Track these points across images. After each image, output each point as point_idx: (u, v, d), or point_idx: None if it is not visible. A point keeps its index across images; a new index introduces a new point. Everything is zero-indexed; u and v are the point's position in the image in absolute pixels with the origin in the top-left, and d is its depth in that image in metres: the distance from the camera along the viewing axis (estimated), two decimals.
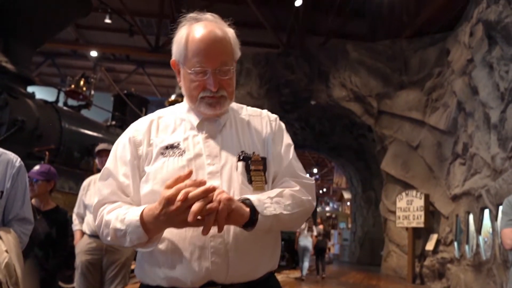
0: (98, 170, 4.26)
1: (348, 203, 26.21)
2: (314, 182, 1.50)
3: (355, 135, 16.18)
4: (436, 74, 11.61)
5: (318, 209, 24.34)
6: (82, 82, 6.57)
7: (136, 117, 7.25)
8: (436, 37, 11.94)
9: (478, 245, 8.66)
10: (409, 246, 11.65)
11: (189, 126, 1.41)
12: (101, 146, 4.15)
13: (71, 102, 6.53)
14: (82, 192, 4.19)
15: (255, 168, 1.37)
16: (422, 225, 11.36)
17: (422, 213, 11.37)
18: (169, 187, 1.16)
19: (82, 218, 4.10)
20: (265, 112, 1.56)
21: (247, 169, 1.36)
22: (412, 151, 12.21)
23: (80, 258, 3.75)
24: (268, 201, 1.27)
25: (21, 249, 1.93)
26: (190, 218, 1.10)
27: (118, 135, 5.29)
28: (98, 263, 3.93)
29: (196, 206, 1.10)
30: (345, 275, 12.73)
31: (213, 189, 1.15)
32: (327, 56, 13.81)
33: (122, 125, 6.90)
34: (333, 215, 29.30)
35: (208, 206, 1.12)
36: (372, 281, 11.24)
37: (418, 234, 11.66)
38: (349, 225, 20.76)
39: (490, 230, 8.14)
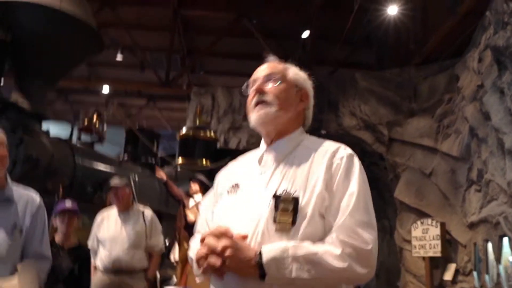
0: (110, 204, 4.29)
1: None
2: (371, 247, 1.35)
3: (367, 163, 16.08)
4: (447, 100, 11.60)
5: None
6: (95, 118, 6.68)
7: (148, 150, 7.35)
8: (444, 63, 11.98)
9: (498, 275, 8.45)
10: (427, 276, 11.39)
11: (253, 162, 1.52)
12: (114, 182, 4.18)
13: (84, 137, 6.63)
14: (96, 227, 4.21)
15: (283, 207, 1.33)
16: (439, 254, 11.12)
17: (439, 241, 11.17)
18: (209, 233, 1.34)
19: (95, 253, 4.10)
20: (334, 147, 1.51)
21: (275, 208, 1.34)
22: (426, 179, 12.09)
23: None
24: (289, 261, 1.25)
25: (38, 285, 1.93)
26: (204, 250, 1.30)
27: (130, 169, 5.38)
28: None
29: (199, 256, 1.31)
30: None
31: (213, 247, 1.25)
32: (336, 85, 13.88)
33: (134, 160, 6.96)
34: None
35: (212, 262, 1.24)
36: None
37: (436, 264, 11.41)
38: None
39: (511, 258, 7.95)
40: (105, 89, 17.04)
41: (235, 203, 1.41)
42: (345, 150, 1.53)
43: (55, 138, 5.38)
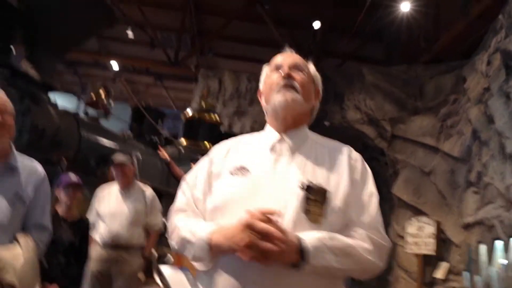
0: (113, 179, 4.28)
1: None
2: (389, 244, 1.47)
3: (368, 158, 15.93)
4: (452, 101, 11.53)
5: None
6: (102, 93, 6.65)
7: (153, 129, 7.31)
8: (452, 64, 11.90)
9: (489, 277, 8.48)
10: (418, 273, 11.45)
11: (263, 148, 1.45)
12: (117, 158, 4.15)
13: (90, 111, 6.61)
14: (96, 200, 4.20)
15: (314, 198, 1.35)
16: (432, 253, 11.17)
17: (433, 240, 11.21)
18: (253, 216, 1.22)
19: (94, 225, 4.11)
20: (346, 148, 1.58)
21: (307, 199, 1.35)
22: (425, 177, 12.09)
23: (91, 267, 3.74)
24: (324, 250, 1.27)
25: (38, 255, 1.92)
26: (243, 226, 1.21)
27: (134, 146, 5.32)
28: (108, 273, 3.92)
29: (248, 240, 1.19)
30: None
31: (273, 232, 1.20)
32: (342, 78, 13.82)
33: (139, 137, 6.94)
34: None
35: (270, 247, 1.18)
36: None
37: (428, 262, 11.46)
38: None
39: (504, 262, 7.97)
40: (114, 64, 17.03)
41: (247, 186, 1.35)
42: (356, 153, 1.59)
43: (62, 109, 5.35)
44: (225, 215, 1.31)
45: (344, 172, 1.44)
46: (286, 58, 1.52)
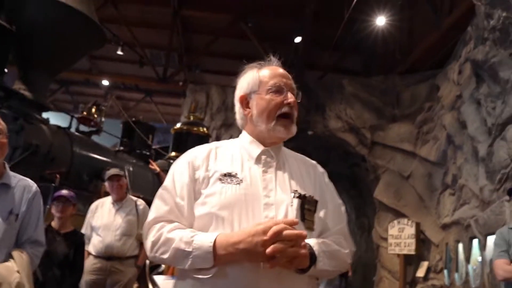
0: (106, 193, 4.26)
1: None
2: (354, 249, 1.55)
3: (349, 164, 16.15)
4: (427, 108, 11.69)
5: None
6: (93, 110, 6.61)
7: (143, 143, 7.26)
8: (426, 74, 12.07)
9: (467, 274, 8.54)
10: (401, 272, 11.49)
11: (247, 158, 1.43)
12: (112, 171, 4.15)
13: (82, 128, 6.57)
14: (90, 215, 4.17)
15: (309, 207, 1.40)
16: (413, 252, 11.23)
17: (413, 240, 11.27)
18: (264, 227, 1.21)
19: (88, 239, 4.07)
20: (313, 162, 1.61)
21: (302, 207, 1.39)
22: (404, 181, 12.18)
23: (85, 278, 3.70)
24: (322, 255, 1.33)
25: (32, 269, 1.90)
26: (270, 251, 1.16)
27: (125, 160, 5.28)
28: (102, 283, 3.88)
29: (280, 247, 1.17)
30: None
31: (305, 236, 1.23)
32: (323, 89, 13.93)
33: (130, 151, 6.90)
34: None
35: (298, 252, 1.21)
36: None
37: (409, 261, 11.52)
38: None
39: (479, 259, 8.04)
40: (105, 82, 16.95)
41: (243, 195, 1.31)
42: (320, 167, 1.63)
43: (54, 126, 5.31)
44: (223, 222, 1.26)
45: (317, 184, 1.50)
46: (287, 81, 1.49)
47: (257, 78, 1.48)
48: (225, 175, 1.33)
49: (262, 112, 1.43)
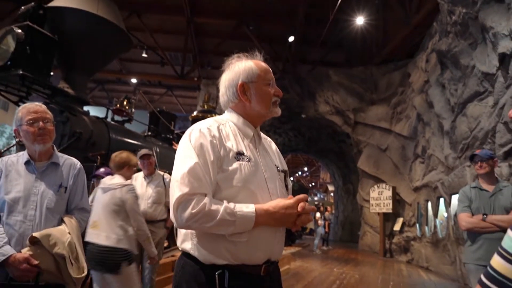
0: (138, 170, 4.25)
1: (332, 194, 26.04)
2: None
3: (337, 141, 16.13)
4: (400, 92, 11.58)
5: (309, 199, 24.08)
6: (125, 103, 6.57)
7: (167, 129, 7.21)
8: (399, 63, 11.93)
9: (435, 226, 8.59)
10: (381, 227, 11.58)
11: (243, 137, 1.42)
12: (143, 151, 4.13)
13: (116, 118, 6.55)
14: None
15: (287, 179, 1.48)
16: (390, 211, 11.30)
17: (391, 201, 11.32)
18: (300, 200, 1.31)
19: None
20: (268, 137, 1.62)
21: (285, 179, 1.46)
22: (382, 153, 12.16)
23: None
24: None
25: (80, 231, 1.92)
26: (300, 208, 1.28)
27: (153, 143, 5.20)
28: (138, 243, 3.91)
29: (308, 209, 1.32)
30: (331, 250, 12.64)
31: (314, 209, 1.40)
32: (314, 79, 13.81)
33: (156, 135, 6.89)
34: (320, 204, 29.12)
35: (309, 220, 1.34)
36: (351, 255, 11.16)
37: (388, 218, 11.59)
38: (333, 211, 20.61)
39: (445, 214, 8.08)
40: (133, 80, 16.87)
41: (255, 171, 1.32)
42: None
43: (93, 117, 5.30)
44: (247, 195, 1.28)
45: (277, 155, 1.54)
46: (273, 76, 1.48)
47: (256, 71, 1.44)
48: (237, 153, 1.32)
49: (262, 101, 1.42)
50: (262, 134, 1.55)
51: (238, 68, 1.47)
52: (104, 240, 2.71)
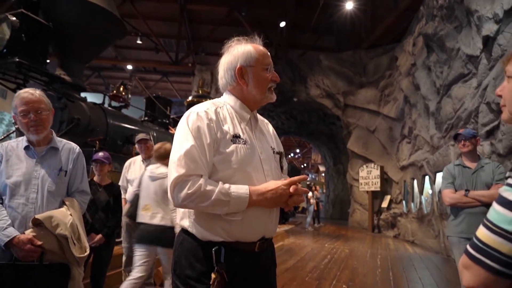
0: (136, 154, 4.24)
1: (323, 174, 26.26)
2: None
3: (327, 123, 16.15)
4: (388, 75, 11.56)
5: None
6: (121, 89, 6.49)
7: (163, 114, 7.15)
8: (387, 47, 11.87)
9: (420, 203, 8.72)
10: (369, 204, 11.74)
11: (240, 120, 1.40)
12: (140, 136, 4.10)
13: (113, 103, 6.47)
14: (125, 170, 4.17)
15: (282, 160, 1.47)
16: (378, 189, 11.43)
17: (379, 180, 11.44)
18: (293, 181, 1.31)
19: (125, 189, 4.09)
20: (265, 119, 1.59)
21: (280, 160, 1.45)
22: (370, 134, 12.23)
23: (124, 220, 3.74)
24: None
25: (81, 213, 1.92)
26: (292, 190, 1.28)
27: (150, 127, 5.17)
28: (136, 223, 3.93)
29: (300, 191, 1.30)
30: (322, 227, 12.82)
31: (306, 191, 1.35)
32: (305, 64, 13.72)
33: (153, 120, 6.84)
34: (312, 183, 29.38)
35: (301, 200, 1.32)
36: (342, 231, 11.33)
37: (376, 196, 11.74)
38: (324, 190, 20.83)
39: (430, 191, 8.20)
40: (129, 67, 16.61)
41: (251, 153, 1.31)
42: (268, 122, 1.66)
43: (91, 103, 5.23)
44: (243, 176, 1.27)
45: (274, 137, 1.52)
46: (271, 60, 1.44)
47: (255, 55, 1.40)
48: (234, 136, 1.30)
49: (259, 85, 1.39)
50: (259, 116, 1.53)
51: (237, 51, 1.44)
52: (159, 220, 2.97)
